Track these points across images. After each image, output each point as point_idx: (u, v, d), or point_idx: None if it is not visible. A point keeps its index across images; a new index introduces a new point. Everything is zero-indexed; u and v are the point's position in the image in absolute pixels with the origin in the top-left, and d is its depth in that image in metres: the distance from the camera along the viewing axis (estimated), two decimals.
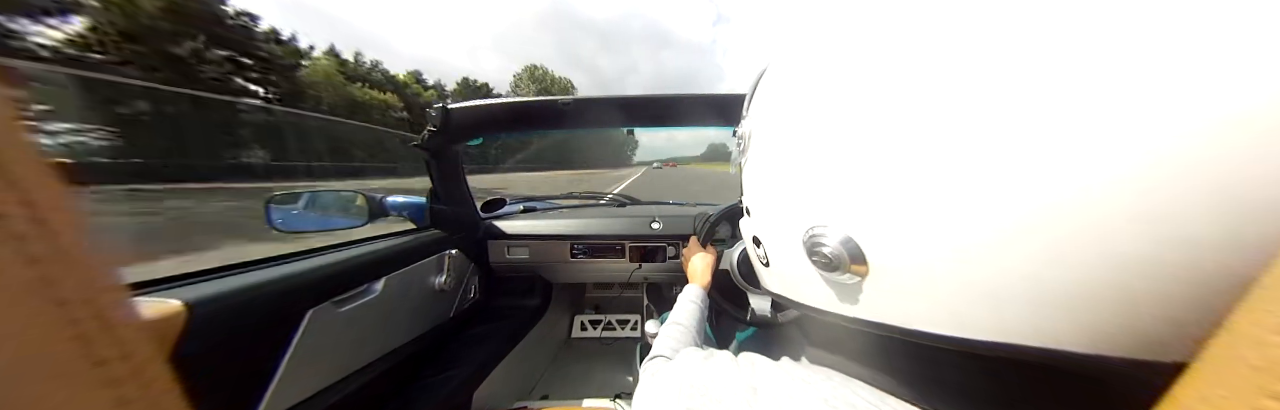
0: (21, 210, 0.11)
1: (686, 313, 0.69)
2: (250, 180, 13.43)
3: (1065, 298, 0.17)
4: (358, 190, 0.99)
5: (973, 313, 0.20)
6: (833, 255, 0.24)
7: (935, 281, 0.21)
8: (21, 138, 0.11)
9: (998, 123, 0.18)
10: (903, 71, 0.21)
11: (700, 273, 0.82)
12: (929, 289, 0.21)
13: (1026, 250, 0.17)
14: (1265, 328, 0.11)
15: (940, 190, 0.19)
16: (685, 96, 0.95)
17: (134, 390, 0.13)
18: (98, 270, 0.13)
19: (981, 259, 0.19)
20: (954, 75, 0.19)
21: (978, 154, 0.18)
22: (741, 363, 0.30)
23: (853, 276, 0.24)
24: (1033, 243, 0.17)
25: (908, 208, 0.20)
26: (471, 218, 1.26)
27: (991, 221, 0.18)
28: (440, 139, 1.01)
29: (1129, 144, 0.15)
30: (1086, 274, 0.16)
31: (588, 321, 1.75)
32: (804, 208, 0.27)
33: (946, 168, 0.19)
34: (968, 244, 0.19)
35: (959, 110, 0.19)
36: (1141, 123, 0.15)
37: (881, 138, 0.21)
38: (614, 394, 1.25)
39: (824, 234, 0.25)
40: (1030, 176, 0.17)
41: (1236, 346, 0.12)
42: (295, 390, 0.63)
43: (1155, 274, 0.15)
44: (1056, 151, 0.16)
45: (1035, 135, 0.17)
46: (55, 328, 0.11)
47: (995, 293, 0.19)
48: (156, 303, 0.47)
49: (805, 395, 0.24)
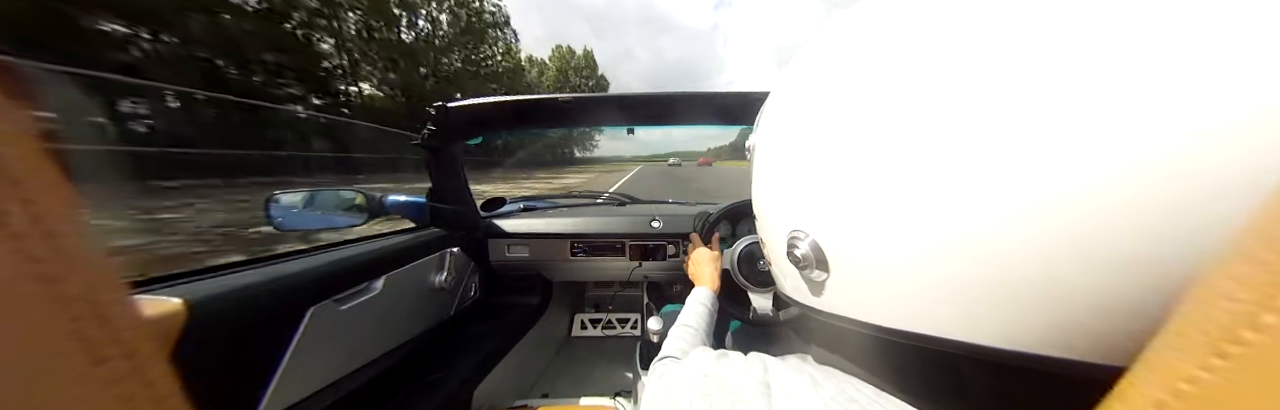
0: (21, 208, 0.11)
1: (696, 315, 0.68)
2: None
3: (986, 297, 0.20)
4: (358, 189, 0.99)
5: (914, 309, 0.23)
6: (803, 256, 0.29)
7: (883, 281, 0.24)
8: (22, 136, 0.11)
9: (926, 156, 0.21)
10: (857, 109, 0.25)
11: (708, 275, 0.82)
12: (878, 288, 0.25)
13: (957, 257, 0.20)
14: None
15: (887, 206, 0.23)
16: (687, 95, 0.95)
17: (136, 388, 0.13)
18: (98, 268, 0.13)
19: (919, 264, 0.22)
20: (893, 119, 0.23)
21: (913, 179, 0.22)
22: (752, 361, 0.31)
23: (821, 274, 0.28)
24: (963, 251, 0.20)
25: (862, 219, 0.24)
26: (471, 216, 1.26)
27: (926, 233, 0.21)
28: (440, 137, 1.01)
29: (1046, 173, 0.18)
30: (1007, 277, 0.19)
31: (588, 320, 1.75)
32: (786, 214, 0.31)
33: (891, 188, 0.23)
34: (908, 251, 0.22)
35: (900, 144, 0.22)
36: (1056, 156, 0.17)
37: (840, 160, 0.26)
38: (614, 392, 1.25)
39: (800, 237, 0.29)
40: (958, 198, 0.20)
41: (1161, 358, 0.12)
42: (296, 388, 0.63)
43: (1070, 282, 0.18)
44: (980, 178, 0.19)
45: (962, 164, 0.20)
46: (56, 326, 0.11)
47: (930, 292, 0.22)
48: (157, 301, 0.47)
49: (814, 393, 0.25)
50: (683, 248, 1.28)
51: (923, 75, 0.22)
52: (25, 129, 0.11)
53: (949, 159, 0.20)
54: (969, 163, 0.20)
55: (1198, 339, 0.10)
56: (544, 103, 0.95)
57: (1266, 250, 0.09)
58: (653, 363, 0.54)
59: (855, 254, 0.25)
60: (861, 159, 0.24)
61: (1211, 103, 0.15)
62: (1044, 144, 0.18)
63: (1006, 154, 0.19)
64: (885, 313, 0.25)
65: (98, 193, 5.43)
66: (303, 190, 0.91)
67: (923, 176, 0.21)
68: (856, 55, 0.26)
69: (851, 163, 0.25)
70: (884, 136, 0.23)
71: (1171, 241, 0.15)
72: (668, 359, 0.54)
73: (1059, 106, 0.17)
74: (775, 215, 0.33)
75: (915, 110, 0.22)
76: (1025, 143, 0.18)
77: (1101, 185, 0.16)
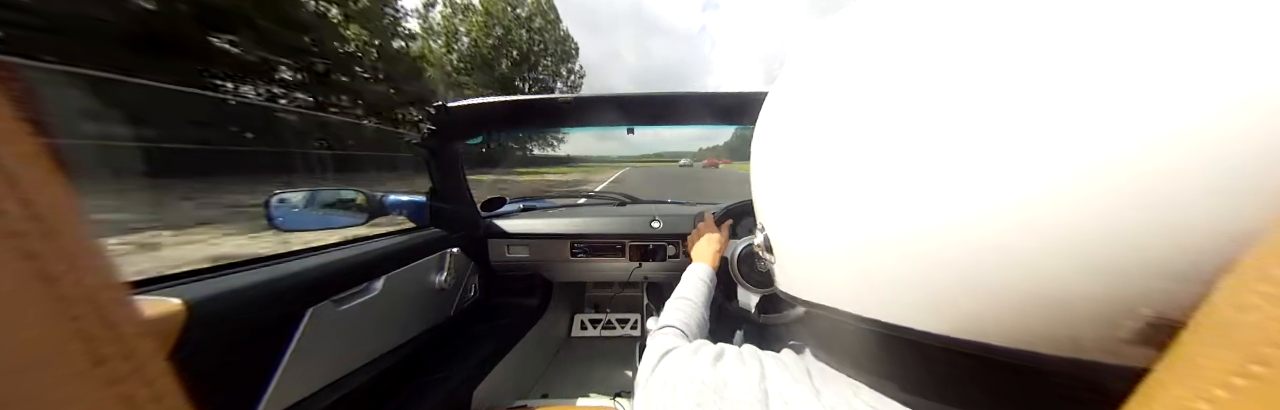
0: (20, 208, 0.11)
1: (694, 289, 0.69)
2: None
3: (921, 283, 0.21)
4: (358, 189, 0.99)
5: (848, 292, 0.26)
6: (762, 244, 0.34)
7: (803, 263, 0.29)
8: (20, 135, 0.11)
9: (847, 168, 0.23)
10: (821, 111, 0.26)
11: (710, 255, 0.82)
12: (801, 269, 0.29)
13: (884, 247, 0.22)
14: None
15: (817, 206, 0.26)
16: (686, 95, 0.96)
17: (136, 388, 0.13)
18: (98, 268, 0.13)
19: (848, 253, 0.24)
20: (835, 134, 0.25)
21: (840, 181, 0.24)
22: (750, 364, 0.30)
23: (771, 258, 0.33)
24: (890, 242, 0.22)
25: (799, 213, 0.28)
26: (471, 216, 1.26)
27: (848, 228, 0.23)
28: (439, 137, 1.01)
29: (978, 176, 0.18)
30: (943, 269, 0.20)
31: (588, 320, 1.75)
32: (761, 209, 0.35)
33: (821, 190, 0.25)
34: (832, 244, 0.25)
35: (832, 156, 0.24)
36: (988, 160, 0.18)
37: (786, 168, 0.29)
38: (614, 393, 1.25)
39: (764, 227, 0.34)
40: (877, 198, 0.22)
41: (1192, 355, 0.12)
42: (295, 388, 0.63)
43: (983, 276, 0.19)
44: (909, 180, 0.20)
45: (888, 168, 0.21)
46: (56, 326, 0.11)
47: (864, 276, 0.24)
48: (156, 301, 0.47)
49: (815, 404, 0.25)
50: (683, 248, 1.29)
51: (881, 76, 0.23)
52: (24, 128, 0.11)
53: (872, 154, 0.22)
54: (890, 158, 0.21)
55: (1239, 341, 0.10)
56: (544, 103, 0.96)
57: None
58: (652, 331, 0.55)
59: (785, 240, 0.30)
60: (804, 155, 0.27)
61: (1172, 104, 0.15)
62: (980, 133, 0.18)
63: (936, 150, 0.20)
64: (828, 296, 0.28)
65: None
66: (303, 190, 0.91)
67: (856, 181, 0.23)
68: (829, 57, 0.27)
69: (800, 159, 0.27)
70: (834, 134, 0.25)
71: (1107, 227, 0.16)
72: (669, 329, 0.54)
73: (1009, 102, 0.18)
74: (758, 209, 0.37)
75: (861, 111, 0.23)
76: (960, 134, 0.19)
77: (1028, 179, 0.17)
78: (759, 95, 0.99)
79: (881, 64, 0.23)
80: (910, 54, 0.22)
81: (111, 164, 6.86)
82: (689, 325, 0.57)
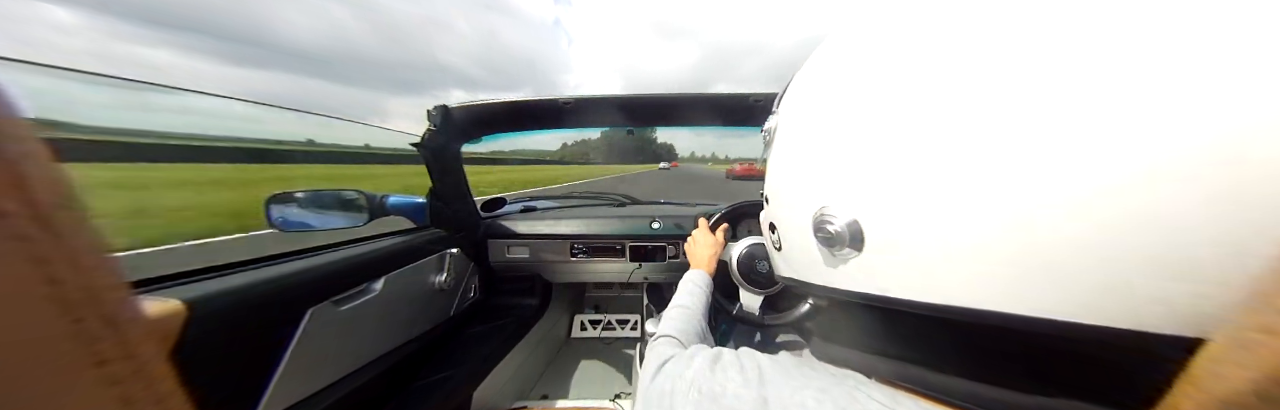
0: (25, 209, 0.11)
1: (691, 295, 0.69)
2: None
3: (1044, 267, 0.19)
4: (358, 189, 0.99)
5: (957, 283, 0.23)
6: (836, 232, 0.28)
7: (922, 259, 0.24)
8: (25, 136, 0.11)
9: (983, 134, 0.21)
10: (912, 79, 0.24)
11: (707, 259, 0.82)
12: (917, 264, 0.24)
13: (1010, 236, 0.20)
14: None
15: (937, 186, 0.22)
16: (687, 96, 0.96)
17: (137, 389, 0.13)
18: (101, 269, 0.13)
19: (968, 242, 0.22)
20: (950, 91, 0.23)
21: (970, 159, 0.21)
22: (748, 371, 0.30)
23: (851, 252, 0.28)
24: (1017, 230, 0.20)
25: (907, 199, 0.24)
26: (471, 217, 1.26)
27: (981, 215, 0.21)
28: (440, 137, 1.01)
29: (1104, 154, 0.17)
30: (1067, 247, 0.19)
31: (587, 321, 1.75)
32: (817, 191, 0.30)
33: (942, 168, 0.22)
34: (957, 232, 0.22)
35: (956, 119, 0.22)
36: (1096, 143, 0.17)
37: (890, 138, 0.25)
38: (613, 394, 1.25)
39: (833, 215, 0.28)
40: (1013, 180, 0.20)
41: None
42: (295, 389, 0.63)
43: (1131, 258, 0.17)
44: (1035, 159, 0.19)
45: (1018, 145, 0.20)
46: (59, 327, 0.11)
47: (982, 265, 0.21)
48: (157, 301, 0.47)
49: (818, 406, 0.25)
50: (682, 249, 1.29)
51: (989, 56, 0.21)
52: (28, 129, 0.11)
53: (997, 145, 0.20)
54: (1021, 148, 0.20)
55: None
56: (544, 104, 0.96)
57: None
58: (650, 342, 0.55)
59: (902, 235, 0.25)
60: (920, 140, 0.23)
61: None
62: (1107, 125, 0.17)
63: (1064, 136, 0.18)
64: (923, 289, 0.24)
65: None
66: (303, 190, 0.91)
67: (988, 159, 0.21)
68: (911, 34, 0.25)
69: (907, 144, 0.24)
70: (948, 117, 0.22)
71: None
72: (665, 338, 0.54)
73: (1131, 91, 0.17)
74: (801, 193, 0.33)
75: (977, 91, 0.21)
76: (1085, 124, 0.18)
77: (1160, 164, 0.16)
78: (762, 97, 1.00)
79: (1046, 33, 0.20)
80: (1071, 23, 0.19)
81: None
82: (686, 333, 0.57)
